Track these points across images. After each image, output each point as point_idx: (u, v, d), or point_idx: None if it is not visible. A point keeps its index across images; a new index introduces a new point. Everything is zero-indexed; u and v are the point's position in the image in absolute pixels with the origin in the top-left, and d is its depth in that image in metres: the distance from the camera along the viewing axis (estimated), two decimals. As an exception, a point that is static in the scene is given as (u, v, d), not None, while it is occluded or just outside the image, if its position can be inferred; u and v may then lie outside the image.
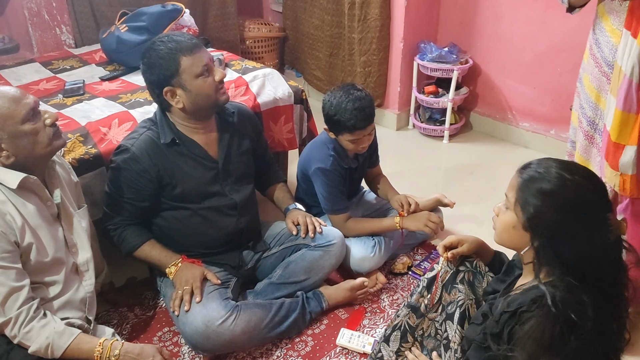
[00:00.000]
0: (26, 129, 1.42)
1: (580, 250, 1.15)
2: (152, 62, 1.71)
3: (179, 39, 1.73)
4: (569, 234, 1.15)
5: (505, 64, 3.15)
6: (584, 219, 1.15)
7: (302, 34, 3.81)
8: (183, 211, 1.88)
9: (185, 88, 1.73)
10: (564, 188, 1.16)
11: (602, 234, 1.14)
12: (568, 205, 1.15)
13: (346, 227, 2.09)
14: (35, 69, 2.64)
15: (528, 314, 1.15)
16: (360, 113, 1.92)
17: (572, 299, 1.12)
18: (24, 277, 1.42)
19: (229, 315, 1.72)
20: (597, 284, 1.15)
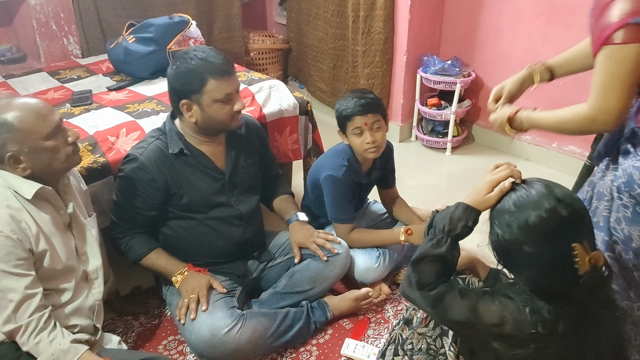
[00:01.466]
0: (48, 145, 1.45)
1: (543, 276, 1.12)
2: (180, 72, 1.73)
3: (213, 60, 1.73)
4: (527, 259, 1.13)
5: (507, 77, 3.16)
6: (543, 246, 1.11)
7: (306, 46, 3.85)
8: (190, 221, 1.90)
9: (202, 107, 1.75)
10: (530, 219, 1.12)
11: (565, 266, 1.10)
12: (529, 231, 1.12)
13: (350, 238, 2.10)
14: (42, 79, 2.67)
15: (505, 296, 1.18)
16: (361, 98, 1.96)
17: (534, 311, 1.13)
18: (37, 284, 1.43)
19: (235, 324, 1.73)
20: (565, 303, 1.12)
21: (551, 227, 1.09)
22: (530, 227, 1.10)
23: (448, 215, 1.26)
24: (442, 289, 1.23)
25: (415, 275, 1.26)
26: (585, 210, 1.14)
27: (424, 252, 1.26)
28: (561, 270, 1.10)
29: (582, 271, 1.08)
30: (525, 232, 1.11)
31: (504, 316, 1.16)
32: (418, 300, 1.27)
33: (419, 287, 1.25)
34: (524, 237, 1.12)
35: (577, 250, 1.07)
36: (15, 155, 1.41)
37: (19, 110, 1.41)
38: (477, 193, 1.25)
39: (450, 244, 1.24)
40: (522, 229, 1.12)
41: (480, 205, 1.24)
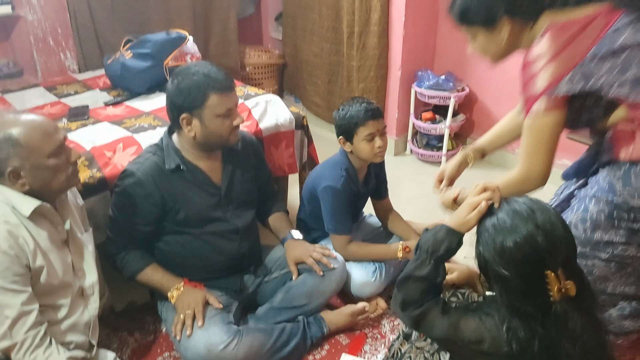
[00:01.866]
0: (50, 163, 1.45)
1: (516, 298, 1.13)
2: (182, 87, 1.74)
3: (216, 75, 1.75)
4: (502, 280, 1.13)
5: (500, 92, 3.21)
6: (517, 270, 1.11)
7: (301, 61, 3.88)
8: (185, 236, 1.90)
9: (202, 121, 1.76)
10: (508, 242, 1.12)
11: (537, 292, 1.10)
12: (503, 254, 1.12)
13: (347, 250, 2.10)
14: (39, 94, 2.67)
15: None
16: (369, 105, 2.00)
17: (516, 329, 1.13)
18: (34, 301, 1.43)
19: (232, 340, 1.72)
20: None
21: (526, 253, 1.09)
22: (505, 250, 1.12)
23: (432, 236, 1.28)
24: (425, 307, 1.24)
25: (400, 295, 1.28)
26: (565, 238, 1.12)
27: (409, 273, 1.28)
28: (533, 295, 1.11)
29: (555, 298, 1.09)
30: (500, 254, 1.13)
31: (482, 334, 1.17)
32: (402, 319, 1.28)
33: (402, 307, 1.27)
34: (499, 259, 1.13)
35: (549, 278, 1.08)
36: (16, 171, 1.42)
37: (25, 126, 1.42)
38: (458, 215, 1.27)
39: (433, 265, 1.26)
40: (498, 251, 1.13)
41: (461, 227, 1.26)
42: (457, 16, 1.50)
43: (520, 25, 1.42)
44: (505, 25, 1.42)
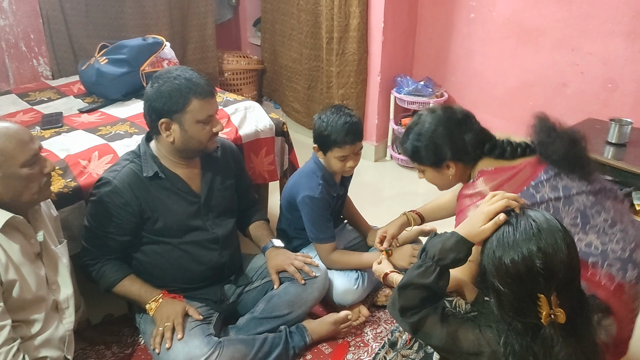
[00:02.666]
0: (23, 173, 1.40)
1: (507, 313, 1.12)
2: (163, 91, 1.70)
3: (198, 80, 1.73)
4: (496, 292, 1.13)
5: (478, 98, 3.24)
6: (510, 287, 1.09)
7: (281, 67, 3.86)
8: (164, 245, 1.85)
9: (182, 126, 1.73)
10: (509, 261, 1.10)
11: (528, 313, 1.09)
12: (499, 268, 1.11)
13: (331, 259, 2.08)
14: (11, 101, 2.60)
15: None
16: (351, 127, 1.95)
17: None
18: (6, 316, 1.37)
19: (212, 352, 1.68)
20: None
21: (520, 273, 1.08)
22: (501, 265, 1.10)
23: (440, 243, 1.24)
24: (423, 314, 1.22)
25: (400, 301, 1.24)
26: (567, 263, 1.09)
27: (411, 279, 1.24)
28: (523, 314, 1.10)
29: (546, 322, 1.07)
30: (497, 268, 1.11)
31: (481, 346, 1.15)
32: (401, 325, 1.25)
33: (401, 313, 1.24)
34: (495, 273, 1.12)
35: (541, 302, 1.07)
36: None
37: None
38: (472, 224, 1.21)
39: (438, 273, 1.22)
40: (495, 265, 1.12)
41: (474, 238, 1.21)
42: (408, 154, 1.69)
43: (463, 166, 1.62)
44: (451, 167, 1.61)
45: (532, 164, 1.53)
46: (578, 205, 1.46)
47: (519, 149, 1.57)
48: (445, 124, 1.60)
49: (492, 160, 1.59)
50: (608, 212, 1.48)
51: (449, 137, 1.58)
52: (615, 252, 1.43)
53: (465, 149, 1.58)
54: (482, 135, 1.61)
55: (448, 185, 1.72)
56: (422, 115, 1.65)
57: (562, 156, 1.48)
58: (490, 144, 1.59)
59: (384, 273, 1.77)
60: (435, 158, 1.61)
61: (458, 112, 1.63)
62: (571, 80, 2.82)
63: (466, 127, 1.60)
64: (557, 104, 2.90)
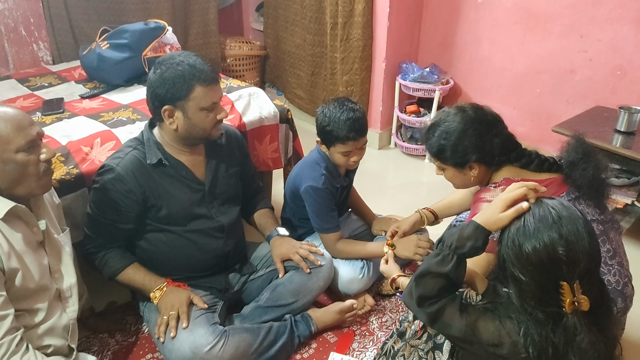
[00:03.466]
0: (18, 158, 1.36)
1: (527, 302, 1.10)
2: (166, 77, 1.66)
3: (201, 67, 1.69)
4: (516, 282, 1.11)
5: (485, 85, 3.20)
6: (532, 276, 1.08)
7: (284, 53, 3.81)
8: (168, 234, 1.83)
9: (186, 114, 1.69)
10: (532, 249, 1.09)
11: (550, 301, 1.07)
12: (521, 257, 1.09)
13: (336, 248, 2.06)
14: (11, 86, 2.56)
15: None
16: (354, 124, 1.91)
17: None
18: (8, 306, 1.35)
19: (217, 341, 1.67)
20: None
21: (543, 261, 1.06)
22: (522, 254, 1.08)
23: (458, 232, 1.22)
24: (442, 304, 1.20)
25: (418, 290, 1.22)
26: (589, 251, 1.07)
27: (428, 268, 1.22)
28: (545, 303, 1.08)
29: (568, 310, 1.06)
30: (518, 257, 1.09)
31: (501, 337, 1.13)
32: (418, 315, 1.23)
33: (419, 303, 1.21)
34: (517, 262, 1.10)
35: (564, 289, 1.05)
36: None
37: None
38: (490, 212, 1.19)
39: (455, 262, 1.20)
40: (516, 254, 1.10)
41: (492, 225, 1.18)
42: (432, 152, 1.66)
43: (486, 169, 1.61)
44: (474, 169, 1.60)
45: (557, 183, 1.55)
46: None
47: (546, 164, 1.58)
48: (475, 125, 1.57)
49: (516, 169, 1.59)
50: (611, 243, 1.52)
51: (478, 139, 1.56)
52: (610, 284, 1.49)
53: (492, 153, 1.57)
54: (509, 141, 1.61)
55: (466, 185, 1.71)
56: (451, 113, 1.62)
57: (587, 182, 1.50)
58: (517, 152, 1.60)
59: (392, 278, 1.74)
60: (460, 159, 1.59)
61: (489, 114, 1.61)
62: (579, 67, 2.78)
63: (496, 130, 1.58)
64: (565, 91, 2.86)
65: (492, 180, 1.63)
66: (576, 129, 2.33)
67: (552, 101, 2.94)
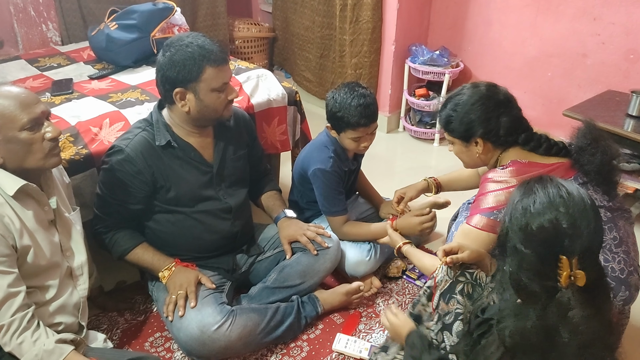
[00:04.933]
0: (22, 136, 1.36)
1: (525, 274, 1.09)
2: (176, 60, 1.66)
3: (211, 47, 1.68)
4: (517, 254, 1.11)
5: (495, 68, 3.16)
6: (536, 249, 1.08)
7: (292, 35, 3.78)
8: (177, 214, 1.84)
9: (197, 95, 1.69)
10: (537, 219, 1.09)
11: (548, 274, 1.06)
12: (527, 233, 1.09)
13: (343, 230, 2.07)
14: (20, 66, 2.57)
15: (491, 336, 1.17)
16: (365, 110, 1.91)
17: (518, 328, 1.10)
18: (20, 283, 1.37)
19: (225, 320, 1.69)
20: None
21: (547, 235, 1.07)
22: (529, 231, 1.09)
23: None
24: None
25: None
26: (592, 229, 1.08)
27: None
28: (543, 276, 1.08)
29: (564, 285, 1.06)
30: (523, 231, 1.10)
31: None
32: None
33: None
34: (521, 235, 1.10)
35: (562, 263, 1.05)
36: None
37: (0, 96, 1.34)
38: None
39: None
40: (522, 228, 1.10)
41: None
42: (442, 123, 1.70)
43: (492, 148, 1.63)
44: (479, 145, 1.62)
45: (565, 167, 1.56)
46: None
47: (555, 148, 1.59)
48: (483, 100, 1.60)
49: (524, 152, 1.60)
50: (618, 231, 1.52)
51: (484, 114, 1.59)
52: (614, 271, 1.49)
53: (497, 130, 1.59)
54: (519, 122, 1.62)
55: (474, 163, 1.72)
56: (465, 87, 1.67)
57: (595, 168, 1.50)
58: (526, 134, 1.60)
59: (398, 245, 1.84)
60: (465, 132, 1.62)
61: (501, 93, 1.63)
62: (592, 51, 2.74)
63: (505, 109, 1.60)
64: (577, 75, 2.83)
65: (500, 162, 1.63)
66: (587, 113, 2.34)
67: (564, 85, 2.90)
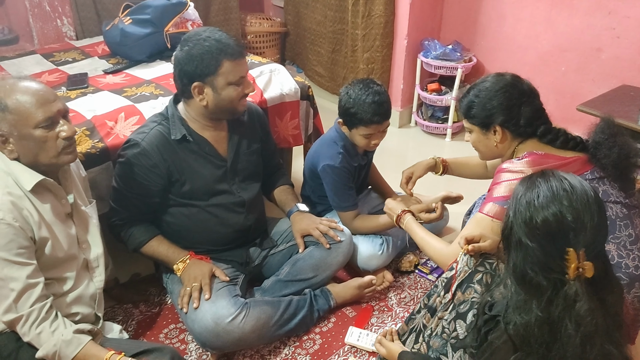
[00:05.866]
0: (36, 134, 1.37)
1: (531, 268, 1.09)
2: (194, 54, 1.67)
3: (228, 41, 1.70)
4: (522, 248, 1.11)
5: (508, 62, 3.14)
6: (541, 243, 1.08)
7: (304, 30, 3.79)
8: (191, 208, 1.86)
9: (215, 89, 1.71)
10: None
11: (555, 267, 1.07)
12: (531, 227, 1.09)
13: (353, 225, 2.08)
14: (36, 61, 2.60)
15: (498, 332, 1.17)
16: (379, 107, 1.91)
17: (522, 324, 1.10)
18: (39, 274, 1.40)
19: (239, 312, 1.70)
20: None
21: (553, 229, 1.08)
22: (533, 224, 1.10)
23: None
24: None
25: None
26: (596, 222, 1.08)
27: None
28: (549, 269, 1.09)
29: (571, 277, 1.06)
30: (528, 225, 1.11)
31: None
32: None
33: None
34: (526, 229, 1.11)
35: (569, 255, 1.06)
36: (5, 136, 1.37)
37: (18, 92, 1.36)
38: None
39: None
40: (527, 223, 1.11)
41: None
42: (463, 109, 1.70)
43: (511, 138, 1.63)
44: (498, 133, 1.62)
45: (581, 161, 1.56)
46: (610, 213, 1.49)
47: (571, 142, 1.59)
48: (508, 88, 1.61)
49: (541, 145, 1.60)
50: (635, 228, 1.51)
51: (507, 101, 1.59)
52: (628, 268, 1.47)
53: (518, 120, 1.59)
54: (539, 114, 1.62)
55: (490, 153, 1.72)
56: (490, 76, 1.68)
57: (612, 163, 1.50)
58: (545, 126, 1.60)
59: (397, 215, 1.87)
60: (486, 118, 1.62)
61: (525, 84, 1.64)
62: (606, 45, 2.71)
63: (527, 100, 1.60)
64: (591, 69, 2.81)
65: (517, 154, 1.63)
66: (601, 108, 2.32)
67: (577, 80, 2.88)
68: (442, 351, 1.46)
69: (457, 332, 1.43)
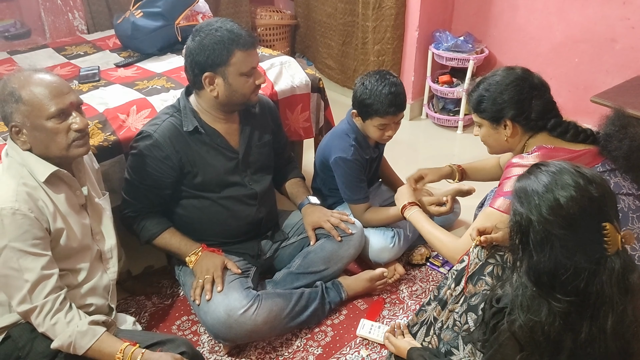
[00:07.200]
0: (48, 125, 1.38)
1: (559, 263, 1.06)
2: (205, 44, 1.67)
3: (239, 31, 1.70)
4: (550, 242, 1.06)
5: (521, 54, 3.11)
6: (573, 226, 1.04)
7: (314, 22, 3.77)
8: (203, 200, 1.86)
9: (226, 80, 1.71)
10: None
11: (593, 247, 1.04)
12: (559, 211, 1.05)
13: (365, 218, 2.07)
14: (48, 55, 2.61)
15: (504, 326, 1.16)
16: (395, 98, 1.91)
17: (531, 323, 1.08)
18: (54, 265, 1.41)
19: (251, 304, 1.71)
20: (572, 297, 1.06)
21: (583, 206, 1.04)
22: (561, 207, 1.05)
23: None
24: None
25: None
26: (612, 191, 1.10)
27: None
28: (588, 252, 1.04)
29: (612, 251, 1.03)
30: (555, 212, 1.05)
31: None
32: None
33: None
34: (554, 218, 1.05)
35: (609, 229, 1.02)
36: (18, 127, 1.38)
37: (32, 83, 1.37)
38: None
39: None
40: (553, 209, 1.06)
41: None
42: (472, 103, 1.67)
43: (521, 132, 1.61)
44: (508, 127, 1.60)
45: (592, 154, 1.54)
46: (622, 205, 1.47)
47: (582, 135, 1.57)
48: (518, 81, 1.59)
49: (551, 138, 1.59)
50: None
51: (517, 95, 1.57)
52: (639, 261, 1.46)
53: (528, 113, 1.57)
54: (550, 107, 1.60)
55: (500, 148, 1.70)
56: (500, 69, 1.66)
57: (623, 154, 1.48)
58: (555, 120, 1.58)
59: (402, 205, 1.88)
60: (496, 112, 1.61)
61: (535, 77, 1.62)
62: (621, 36, 2.68)
63: (538, 93, 1.59)
64: (605, 60, 2.77)
65: (527, 149, 1.62)
66: (616, 100, 2.29)
67: (591, 71, 2.85)
68: (453, 344, 1.46)
69: (469, 324, 1.43)
